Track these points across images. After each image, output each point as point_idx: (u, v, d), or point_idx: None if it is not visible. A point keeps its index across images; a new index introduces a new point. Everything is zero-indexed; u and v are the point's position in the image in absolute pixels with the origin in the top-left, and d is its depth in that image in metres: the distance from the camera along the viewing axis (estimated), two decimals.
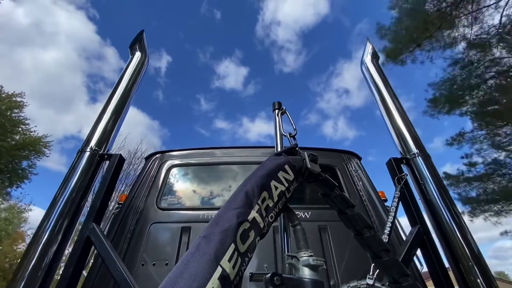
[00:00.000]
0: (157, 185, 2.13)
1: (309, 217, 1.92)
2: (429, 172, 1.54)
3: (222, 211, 0.56)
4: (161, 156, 2.37)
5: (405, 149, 1.69)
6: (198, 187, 2.34)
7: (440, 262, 1.34)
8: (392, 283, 0.68)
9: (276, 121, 1.44)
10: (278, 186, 0.68)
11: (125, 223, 1.85)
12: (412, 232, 1.42)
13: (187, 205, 2.12)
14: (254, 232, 0.56)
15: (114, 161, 1.58)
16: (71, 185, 1.42)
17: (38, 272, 1.16)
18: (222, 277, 0.42)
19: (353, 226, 0.74)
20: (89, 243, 1.33)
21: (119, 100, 1.83)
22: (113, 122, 1.73)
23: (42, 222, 1.30)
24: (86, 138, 1.64)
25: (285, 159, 0.76)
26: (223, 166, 2.43)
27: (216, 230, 0.50)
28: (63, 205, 1.35)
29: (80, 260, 1.30)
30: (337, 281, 1.58)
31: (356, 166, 2.32)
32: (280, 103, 1.51)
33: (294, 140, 1.13)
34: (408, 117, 1.81)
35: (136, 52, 2.15)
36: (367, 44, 2.28)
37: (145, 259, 1.69)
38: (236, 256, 0.48)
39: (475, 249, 1.28)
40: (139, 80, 2.06)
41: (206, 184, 2.36)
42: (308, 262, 0.73)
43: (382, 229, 1.59)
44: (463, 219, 1.38)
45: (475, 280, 1.21)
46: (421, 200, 1.54)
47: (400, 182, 1.55)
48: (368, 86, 2.13)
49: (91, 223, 1.36)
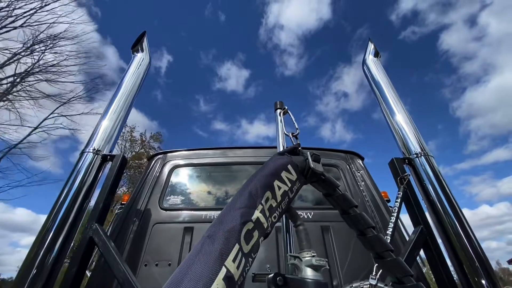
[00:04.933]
0: (159, 185, 2.14)
1: (311, 217, 1.92)
2: (432, 172, 1.53)
3: (226, 211, 0.56)
4: (164, 157, 2.38)
5: (407, 149, 1.68)
6: (201, 188, 2.34)
7: (443, 262, 1.33)
8: (395, 283, 0.68)
9: (278, 121, 1.44)
10: (281, 186, 0.68)
11: (127, 223, 1.85)
12: (415, 232, 1.41)
13: (189, 205, 2.13)
14: (257, 232, 0.56)
15: (117, 162, 1.58)
16: (74, 186, 1.43)
17: (41, 272, 1.17)
18: (226, 277, 0.42)
19: (356, 226, 0.74)
20: (92, 244, 1.33)
21: (121, 102, 1.84)
22: (115, 123, 1.74)
23: (46, 222, 1.31)
24: (88, 139, 1.65)
25: (288, 159, 0.76)
26: (226, 167, 2.43)
27: (220, 230, 0.49)
28: (66, 205, 1.36)
29: (83, 261, 1.30)
30: (340, 282, 1.58)
31: (359, 166, 2.31)
32: (282, 102, 1.50)
33: (297, 140, 1.13)
34: (410, 117, 1.80)
35: (138, 54, 2.16)
36: (369, 44, 2.28)
37: (147, 259, 1.70)
38: (241, 257, 0.48)
39: (478, 249, 1.27)
40: (141, 82, 2.06)
41: (209, 184, 2.36)
42: (311, 263, 0.73)
43: (385, 229, 1.58)
44: (466, 219, 1.37)
45: (479, 280, 1.20)
46: (424, 200, 1.53)
47: (403, 182, 1.55)
48: (370, 85, 2.12)
49: (94, 223, 1.36)
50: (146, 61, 2.15)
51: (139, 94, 2.04)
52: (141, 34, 2.27)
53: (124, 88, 1.90)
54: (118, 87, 1.93)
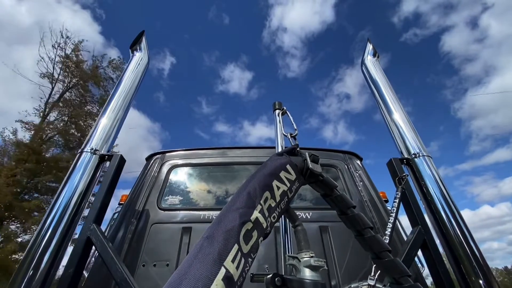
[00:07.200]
0: (158, 185, 2.13)
1: (310, 217, 1.92)
2: (430, 172, 1.54)
3: (225, 211, 0.55)
4: (162, 156, 2.37)
5: (405, 150, 1.69)
6: (199, 188, 2.33)
7: (441, 262, 1.34)
8: (393, 284, 0.68)
9: (277, 121, 1.44)
10: (280, 186, 0.68)
11: (126, 223, 1.85)
12: (413, 232, 1.41)
13: (188, 205, 2.12)
14: (257, 233, 0.55)
15: (115, 162, 1.58)
16: (72, 186, 1.42)
17: (38, 272, 1.16)
18: (226, 278, 0.41)
19: (354, 227, 0.74)
20: (90, 244, 1.33)
21: (120, 101, 1.83)
22: (113, 122, 1.73)
23: (43, 222, 1.30)
24: (86, 139, 1.64)
25: (286, 159, 0.76)
26: (224, 167, 2.43)
27: (219, 230, 0.49)
28: (63, 205, 1.35)
29: (80, 261, 1.29)
30: (338, 282, 1.58)
31: (357, 167, 2.32)
32: (281, 103, 1.50)
33: (295, 140, 1.12)
34: (409, 117, 1.81)
35: (137, 53, 2.16)
36: (367, 44, 2.28)
37: (145, 259, 1.69)
38: (240, 257, 0.47)
39: (476, 249, 1.28)
40: (140, 81, 2.06)
41: (207, 184, 2.36)
42: (309, 263, 0.73)
43: (383, 230, 1.59)
44: (464, 219, 1.38)
45: (476, 280, 1.20)
46: (422, 201, 1.54)
47: (401, 183, 1.55)
48: (369, 86, 2.13)
49: (91, 223, 1.36)
50: (144, 61, 2.14)
51: (137, 93, 2.03)
52: (140, 33, 2.26)
53: (123, 88, 1.89)
54: (116, 86, 1.92)
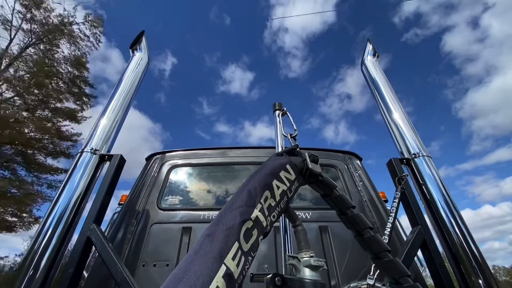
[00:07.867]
0: (158, 185, 2.13)
1: (310, 217, 1.92)
2: (429, 172, 1.54)
3: (225, 210, 0.56)
4: (162, 157, 2.37)
5: (405, 150, 1.69)
6: (199, 188, 2.34)
7: (441, 262, 1.34)
8: (392, 284, 0.68)
9: (277, 122, 1.44)
10: (280, 186, 0.68)
11: (125, 223, 1.85)
12: (412, 232, 1.41)
13: (188, 205, 2.12)
14: (257, 231, 0.55)
15: (115, 162, 1.58)
16: (72, 186, 1.42)
17: (38, 272, 1.16)
18: (226, 275, 0.41)
19: (354, 227, 0.74)
20: (90, 244, 1.33)
21: (120, 101, 1.83)
22: (113, 122, 1.73)
23: (43, 223, 1.30)
24: (86, 139, 1.64)
25: (286, 159, 0.76)
26: (224, 167, 2.43)
27: (219, 228, 0.49)
28: (63, 205, 1.36)
29: (80, 261, 1.30)
30: (338, 282, 1.58)
31: (357, 167, 2.32)
32: (281, 103, 1.51)
33: (295, 141, 1.13)
34: (409, 117, 1.81)
35: (137, 53, 2.16)
36: (367, 44, 2.28)
37: (145, 260, 1.69)
38: (240, 255, 0.47)
39: (475, 249, 1.28)
40: (140, 81, 2.06)
41: (207, 184, 2.36)
42: (309, 263, 0.73)
43: (382, 230, 1.59)
44: (463, 219, 1.38)
45: (476, 280, 1.21)
46: (421, 201, 1.54)
47: (401, 183, 1.55)
48: (368, 86, 2.13)
49: (91, 223, 1.36)
50: (144, 61, 2.15)
51: (137, 93, 2.03)
52: (140, 33, 2.26)
53: (123, 88, 1.89)
54: (116, 86, 1.92)
